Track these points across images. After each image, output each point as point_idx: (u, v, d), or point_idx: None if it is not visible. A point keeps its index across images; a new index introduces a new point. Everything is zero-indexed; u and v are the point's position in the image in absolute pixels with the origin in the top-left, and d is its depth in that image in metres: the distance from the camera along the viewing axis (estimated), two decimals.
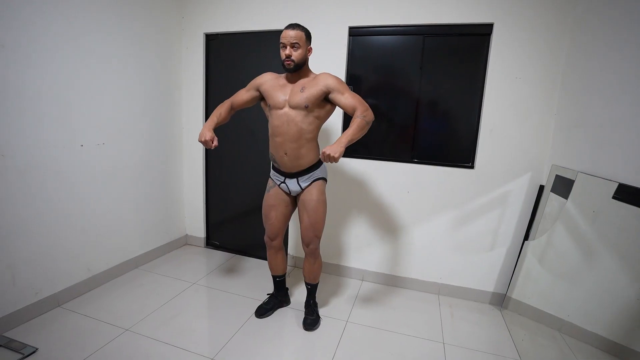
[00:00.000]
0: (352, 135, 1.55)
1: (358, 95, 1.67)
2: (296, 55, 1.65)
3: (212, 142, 1.74)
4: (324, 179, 1.85)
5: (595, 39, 1.74)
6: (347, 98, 1.65)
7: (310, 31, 2.34)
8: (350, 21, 2.30)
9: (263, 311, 2.01)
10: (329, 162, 1.50)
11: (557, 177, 1.90)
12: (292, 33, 1.63)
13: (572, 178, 1.73)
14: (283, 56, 1.67)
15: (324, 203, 1.84)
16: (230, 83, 2.71)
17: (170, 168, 2.77)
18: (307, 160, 1.78)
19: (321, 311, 2.07)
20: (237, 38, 2.63)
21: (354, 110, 1.63)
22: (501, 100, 2.10)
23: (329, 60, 2.36)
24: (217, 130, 2.80)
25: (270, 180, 1.90)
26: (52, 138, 1.86)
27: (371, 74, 2.37)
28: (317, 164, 1.82)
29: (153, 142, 2.57)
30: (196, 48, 2.72)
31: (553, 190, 1.92)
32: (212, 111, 2.94)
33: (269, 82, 1.79)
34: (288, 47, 1.64)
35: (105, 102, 2.15)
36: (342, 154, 1.49)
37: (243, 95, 1.91)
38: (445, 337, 1.92)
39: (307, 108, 1.69)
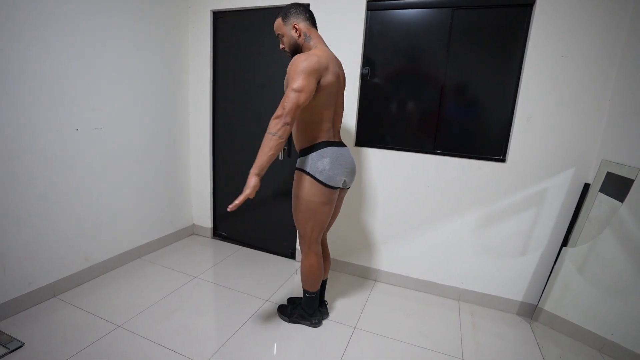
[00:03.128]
0: (257, 159, 1.40)
1: (291, 94, 1.35)
2: (284, 44, 1.57)
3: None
4: (306, 172, 1.54)
5: None
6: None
7: (325, 6, 2.13)
8: None
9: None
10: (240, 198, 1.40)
11: (609, 174, 1.60)
12: (274, 26, 1.57)
13: (631, 177, 1.44)
14: None
15: (298, 199, 1.58)
16: (239, 63, 2.53)
17: (176, 154, 2.64)
18: (297, 143, 1.62)
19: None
20: (246, 15, 2.43)
21: None
22: (542, 84, 1.80)
23: (344, 39, 2.12)
24: (224, 116, 2.66)
25: None
26: (44, 121, 1.75)
27: (391, 53, 2.11)
28: (305, 151, 1.58)
29: (157, 126, 2.44)
30: (203, 26, 2.54)
31: (603, 190, 1.63)
32: (220, 93, 2.76)
33: None
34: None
35: (103, 84, 2.02)
36: (251, 186, 1.40)
37: None
38: (464, 351, 1.70)
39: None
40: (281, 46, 1.58)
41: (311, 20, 1.54)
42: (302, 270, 1.70)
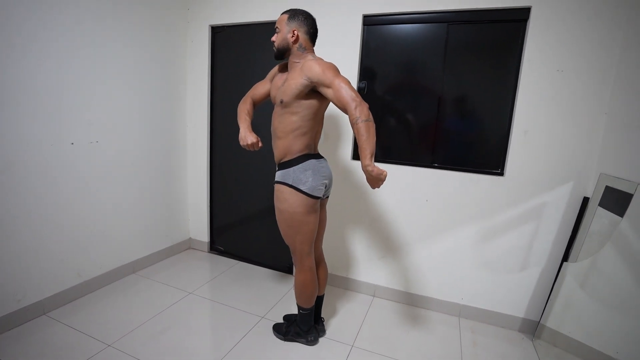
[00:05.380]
0: (367, 149, 1.31)
1: (347, 85, 1.35)
2: (275, 39, 1.54)
3: (259, 144, 1.57)
4: (287, 185, 1.54)
5: None
6: (335, 92, 1.36)
7: (322, 21, 2.14)
8: (365, 9, 2.07)
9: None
10: (380, 183, 1.38)
11: (608, 188, 1.59)
12: (278, 17, 1.55)
13: (630, 191, 1.43)
14: None
15: (282, 212, 1.57)
16: (236, 77, 2.54)
17: (172, 167, 2.63)
18: (278, 152, 1.59)
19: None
20: (244, 30, 2.46)
21: (344, 109, 1.35)
22: (538, 98, 1.80)
23: (341, 53, 2.13)
24: (220, 128, 2.67)
25: None
26: (38, 135, 1.74)
27: (388, 68, 2.12)
28: (285, 164, 1.57)
29: (154, 140, 2.43)
30: (202, 41, 2.57)
31: (602, 204, 1.61)
32: (218, 107, 2.79)
33: (275, 72, 1.71)
34: None
35: (100, 97, 2.02)
36: (378, 171, 1.32)
37: (260, 88, 1.74)
38: None
39: (282, 103, 1.52)
40: (273, 38, 1.55)
41: (311, 36, 1.55)
42: (296, 285, 1.67)
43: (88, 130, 1.98)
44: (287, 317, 1.91)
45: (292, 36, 1.50)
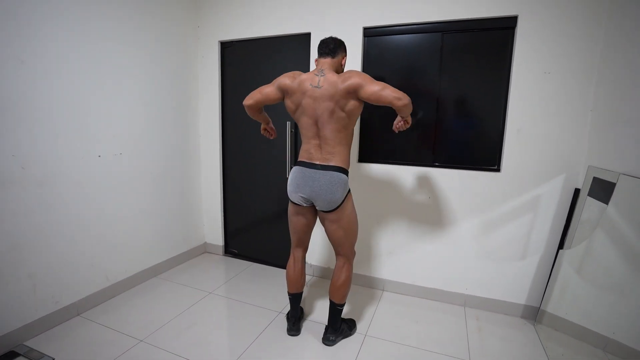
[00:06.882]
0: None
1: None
2: None
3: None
4: None
5: (637, 22, 1.57)
6: None
7: (326, 34, 2.31)
8: (365, 22, 2.23)
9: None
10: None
11: (595, 179, 1.72)
12: None
13: (613, 181, 1.56)
14: None
15: None
16: (245, 89, 2.70)
17: (188, 176, 2.79)
18: None
19: None
20: (251, 44, 2.62)
21: None
22: (529, 98, 1.95)
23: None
24: (232, 139, 2.83)
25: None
26: (70, 149, 1.90)
27: (388, 75, 2.27)
28: None
29: (170, 151, 2.59)
30: (211, 56, 2.74)
31: (591, 194, 1.74)
32: (229, 117, 2.92)
33: None
34: None
35: (122, 113, 2.19)
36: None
37: None
38: (472, 354, 1.78)
39: None
40: None
41: (318, 51, 1.74)
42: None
43: (112, 143, 2.14)
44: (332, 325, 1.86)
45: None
